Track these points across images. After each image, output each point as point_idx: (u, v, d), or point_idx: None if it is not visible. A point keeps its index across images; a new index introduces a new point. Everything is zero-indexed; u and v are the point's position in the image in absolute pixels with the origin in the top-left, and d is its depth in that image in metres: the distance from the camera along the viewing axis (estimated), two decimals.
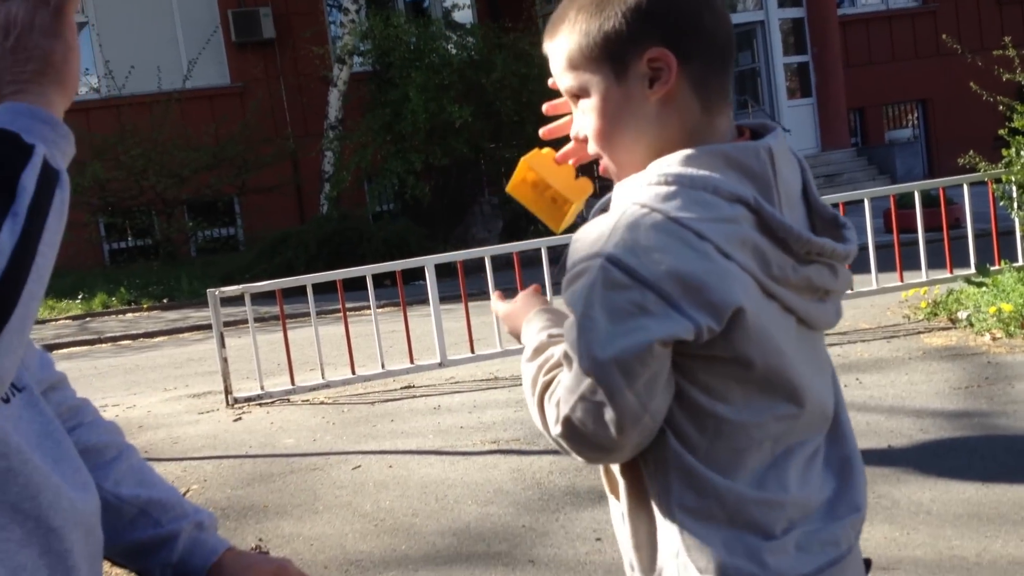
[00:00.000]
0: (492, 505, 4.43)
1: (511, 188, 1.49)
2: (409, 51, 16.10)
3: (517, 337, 1.49)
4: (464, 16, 19.68)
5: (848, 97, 19.80)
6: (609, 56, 1.25)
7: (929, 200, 8.78)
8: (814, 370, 1.30)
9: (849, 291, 6.74)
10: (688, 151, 1.23)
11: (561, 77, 1.35)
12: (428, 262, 7.32)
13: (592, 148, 1.33)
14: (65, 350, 10.91)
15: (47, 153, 1.06)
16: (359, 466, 5.25)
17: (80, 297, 14.09)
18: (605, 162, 1.34)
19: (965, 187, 7.89)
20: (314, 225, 15.07)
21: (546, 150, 1.49)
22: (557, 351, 1.30)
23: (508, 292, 1.62)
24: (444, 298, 7.48)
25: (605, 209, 1.32)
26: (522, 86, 15.65)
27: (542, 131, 1.52)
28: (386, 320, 8.08)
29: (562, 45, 1.33)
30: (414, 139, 15.44)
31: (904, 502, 3.98)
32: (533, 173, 1.46)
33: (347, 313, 7.39)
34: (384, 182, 15.91)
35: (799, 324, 1.27)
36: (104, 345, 11.46)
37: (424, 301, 7.41)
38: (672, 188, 1.20)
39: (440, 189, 16.45)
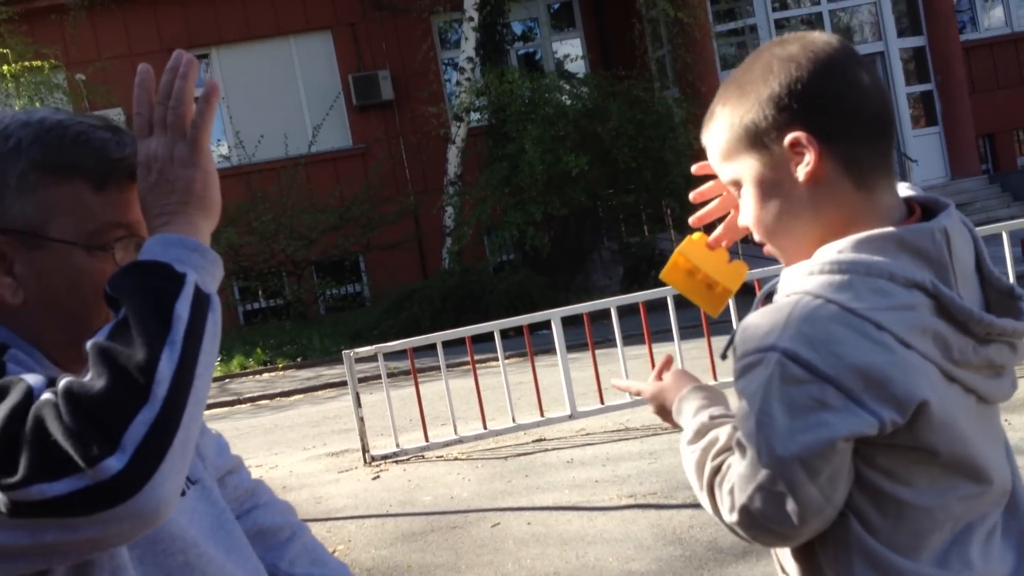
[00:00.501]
0: (634, 562, 4.40)
1: (664, 275, 1.51)
2: (524, 104, 16.33)
3: (664, 416, 1.49)
4: (577, 67, 19.88)
5: (976, 123, 19.17)
6: (753, 144, 1.28)
7: None
8: (993, 444, 1.29)
9: None
10: (859, 236, 1.21)
11: (719, 169, 1.38)
12: (554, 315, 7.37)
13: (757, 237, 1.34)
14: (207, 412, 11.33)
15: (198, 279, 1.11)
16: (498, 523, 5.29)
17: (220, 359, 14.62)
18: (769, 248, 1.35)
19: None
20: (437, 280, 15.33)
21: (697, 235, 1.51)
22: (722, 434, 1.31)
23: (633, 339, 1.61)
24: (570, 347, 7.52)
25: (770, 294, 1.33)
26: (638, 132, 15.68)
27: (692, 195, 1.55)
28: (513, 372, 8.15)
29: (713, 139, 1.37)
30: (532, 190, 15.60)
31: None
32: (686, 260, 1.48)
33: (476, 367, 7.49)
34: (504, 234, 16.10)
35: (978, 401, 1.25)
36: (243, 406, 11.85)
37: (549, 351, 7.46)
38: (846, 277, 1.18)
39: (559, 238, 16.54)
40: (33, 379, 1.06)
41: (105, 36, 18.96)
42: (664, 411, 1.49)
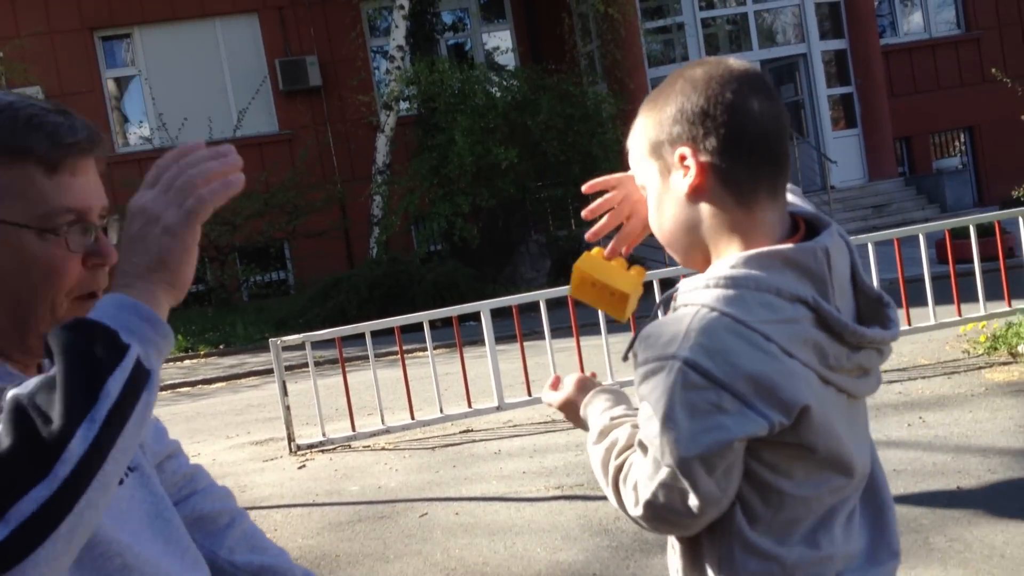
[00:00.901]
0: (561, 552, 4.47)
1: (573, 293, 1.60)
2: (454, 95, 16.32)
3: (577, 422, 1.62)
4: (507, 59, 19.93)
5: (894, 126, 19.72)
6: (654, 154, 1.42)
7: (983, 230, 8.73)
8: (859, 437, 1.42)
9: (907, 326, 6.67)
10: (749, 252, 1.33)
11: (634, 172, 1.50)
12: (484, 307, 7.40)
13: (658, 238, 1.48)
14: None
15: (141, 353, 1.05)
16: (426, 514, 5.32)
17: None
18: (668, 249, 1.48)
19: (1021, 220, 7.84)
20: (365, 269, 15.25)
21: (595, 250, 1.61)
22: (621, 434, 1.46)
23: (561, 331, 1.74)
24: (498, 339, 7.56)
25: (668, 301, 1.45)
26: (567, 126, 15.78)
27: (584, 212, 1.69)
28: (441, 362, 8.17)
29: (631, 144, 1.49)
30: (461, 181, 15.61)
31: (977, 545, 3.96)
32: (587, 274, 1.57)
33: (405, 357, 7.49)
34: (432, 225, 16.09)
35: (848, 398, 1.39)
36: (164, 392, 11.65)
37: (478, 342, 7.50)
38: (738, 291, 1.30)
39: (488, 230, 16.58)
40: None
41: (24, 13, 18.44)
42: (575, 418, 1.62)
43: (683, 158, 1.36)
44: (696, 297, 1.32)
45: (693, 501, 1.29)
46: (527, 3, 20.35)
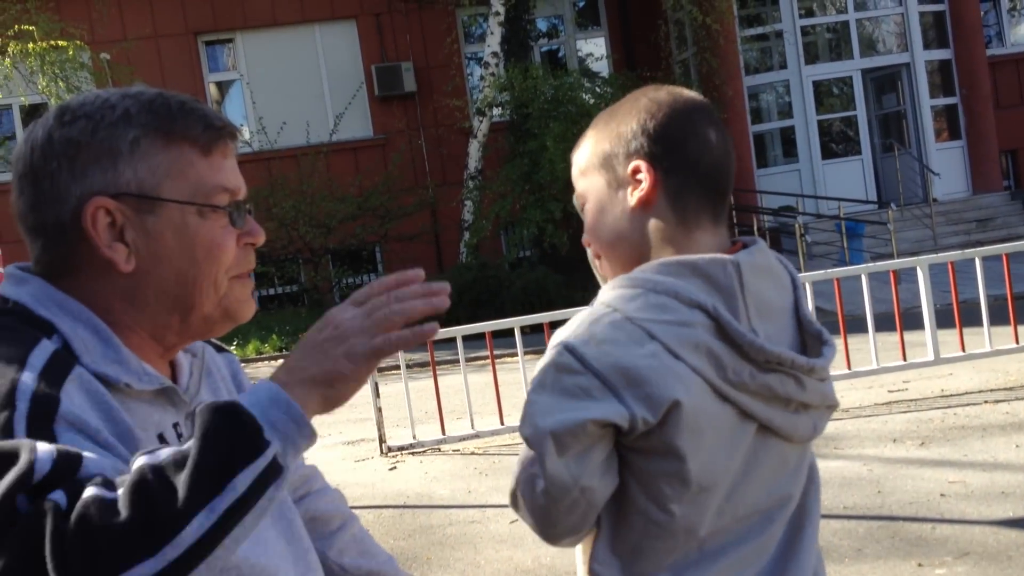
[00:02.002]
0: None
1: None
2: (547, 102, 16.32)
3: None
4: (600, 66, 19.86)
5: (999, 139, 19.11)
6: (603, 166, 1.46)
7: None
8: (771, 477, 1.39)
9: (1015, 344, 6.39)
10: (663, 260, 1.38)
11: (575, 184, 1.53)
12: (575, 314, 7.35)
13: (591, 250, 1.51)
14: None
15: (279, 452, 1.05)
16: (516, 520, 5.29)
17: (235, 343, 14.66)
18: (596, 259, 1.51)
19: None
20: (454, 273, 15.34)
21: None
22: None
23: None
24: None
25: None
26: None
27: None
28: (532, 368, 8.15)
29: (577, 157, 1.53)
30: (552, 188, 15.59)
31: None
32: None
33: (496, 362, 7.50)
34: (522, 231, 16.10)
35: (763, 431, 1.37)
36: None
37: None
38: (637, 291, 1.34)
39: (578, 237, 16.41)
40: (42, 452, 1.01)
41: (131, 17, 19.00)
42: None
43: (636, 171, 1.41)
44: (602, 296, 1.38)
45: (540, 484, 1.30)
46: (622, 10, 20.25)
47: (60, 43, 16.05)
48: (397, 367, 7.69)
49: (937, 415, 6.54)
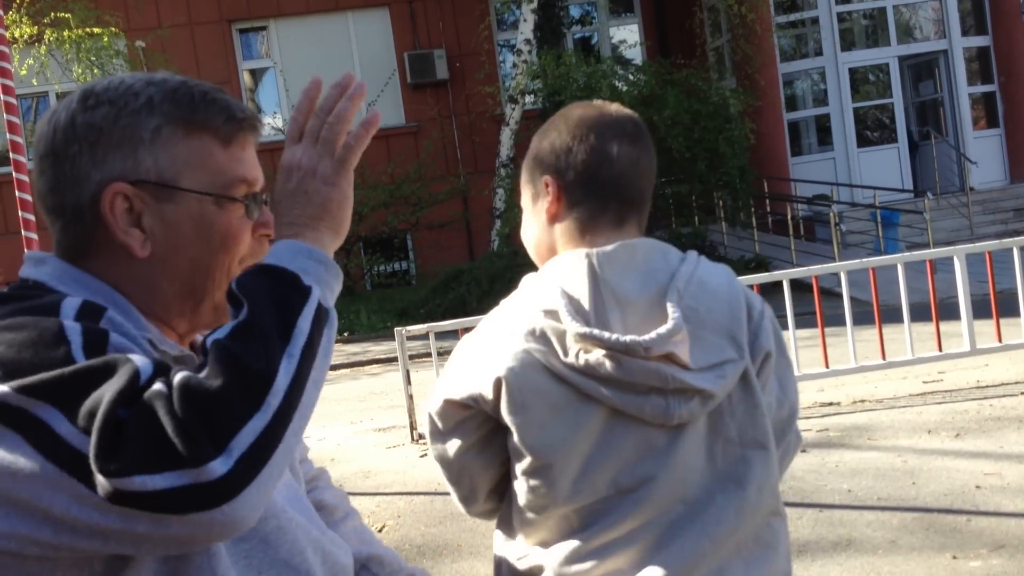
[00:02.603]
0: None
1: None
2: (579, 89, 16.25)
3: None
4: (634, 53, 19.76)
5: None
6: (531, 179, 1.64)
7: None
8: (632, 458, 1.45)
9: None
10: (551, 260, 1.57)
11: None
12: None
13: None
14: None
15: (321, 295, 1.13)
16: None
17: None
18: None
19: None
20: (486, 261, 15.35)
21: None
22: None
23: None
24: None
25: None
26: (693, 122, 15.56)
27: None
28: None
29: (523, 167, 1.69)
30: None
31: None
32: None
33: None
34: None
35: (617, 413, 1.44)
36: None
37: None
38: (525, 284, 1.55)
39: None
40: (140, 361, 1.05)
41: (166, 4, 19.12)
42: None
43: (547, 185, 1.57)
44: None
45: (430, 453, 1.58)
46: None
47: (96, 31, 16.18)
48: (428, 355, 7.71)
49: (973, 406, 6.47)
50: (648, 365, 1.42)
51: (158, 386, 1.01)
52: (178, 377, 1.01)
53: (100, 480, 0.98)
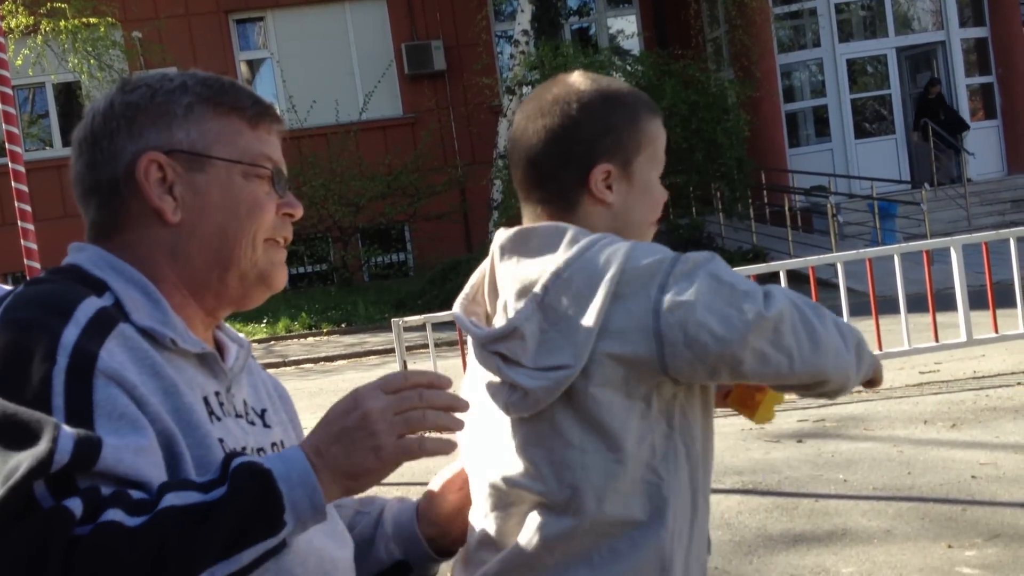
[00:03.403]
0: None
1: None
2: None
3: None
4: (632, 44, 19.73)
5: None
6: None
7: None
8: (491, 448, 1.46)
9: None
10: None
11: None
12: None
13: None
14: None
15: (289, 533, 1.12)
16: None
17: (265, 321, 14.76)
18: None
19: None
20: (483, 253, 15.11)
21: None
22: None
23: None
24: None
25: None
26: (691, 113, 15.54)
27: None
28: None
29: None
30: None
31: None
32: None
33: None
34: None
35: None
36: (288, 368, 11.97)
37: None
38: None
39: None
40: (64, 437, 1.05)
41: None
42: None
43: None
44: None
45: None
46: None
47: (92, 21, 16.13)
48: (425, 345, 7.71)
49: (969, 396, 6.48)
50: (488, 354, 1.43)
51: (72, 505, 1.03)
52: (106, 517, 1.03)
53: None
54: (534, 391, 1.38)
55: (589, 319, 1.35)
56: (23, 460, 1.02)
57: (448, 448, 1.21)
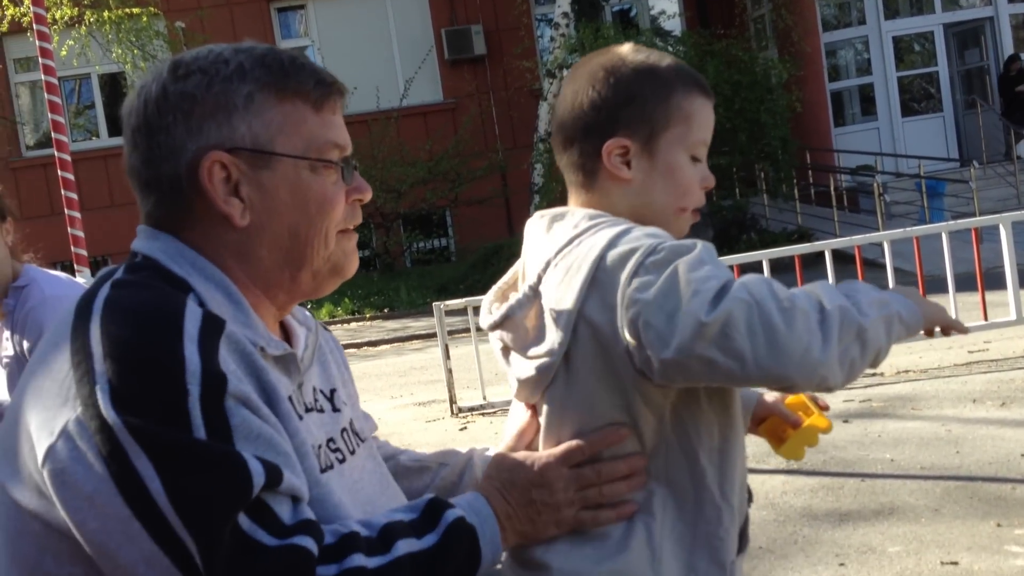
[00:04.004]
0: None
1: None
2: None
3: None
4: (673, 24, 19.54)
5: None
6: None
7: None
8: None
9: None
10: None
11: None
12: None
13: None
14: None
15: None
16: None
17: (309, 307, 14.86)
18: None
19: None
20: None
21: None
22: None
23: None
24: None
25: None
26: (734, 93, 15.36)
27: None
28: None
29: None
30: None
31: None
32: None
33: None
34: None
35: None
36: None
37: None
38: None
39: None
40: (254, 467, 1.06)
41: None
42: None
43: None
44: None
45: None
46: None
47: (135, 11, 16.29)
48: (467, 330, 7.73)
49: (1019, 375, 6.35)
50: (495, 340, 1.46)
51: (306, 543, 1.06)
52: (353, 563, 1.09)
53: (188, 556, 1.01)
54: (524, 380, 1.38)
55: (569, 308, 1.31)
56: (222, 489, 1.03)
57: (627, 513, 1.31)
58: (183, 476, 1.01)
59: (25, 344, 2.57)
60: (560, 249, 1.35)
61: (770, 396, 1.65)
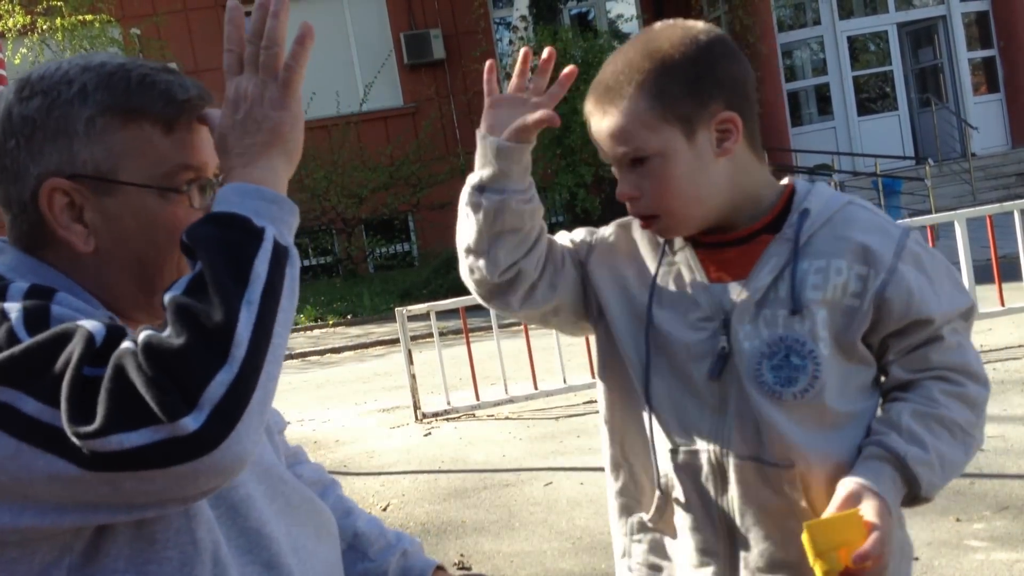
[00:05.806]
0: None
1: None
2: (577, 65, 16.17)
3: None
4: (631, 27, 19.64)
5: None
6: (679, 119, 1.44)
7: None
8: None
9: None
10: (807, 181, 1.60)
11: (628, 140, 1.47)
12: None
13: (650, 207, 1.48)
14: None
15: (276, 233, 1.09)
16: (551, 483, 5.30)
17: None
18: (665, 221, 1.49)
19: None
20: None
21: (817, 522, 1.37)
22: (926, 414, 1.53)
23: None
24: None
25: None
26: None
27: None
28: (563, 334, 8.12)
29: (628, 111, 1.46)
30: (583, 152, 15.49)
31: None
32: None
33: (528, 328, 7.48)
34: (554, 196, 16.03)
35: None
36: (294, 361, 11.95)
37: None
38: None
39: (610, 201, 16.43)
40: (90, 324, 1.04)
41: None
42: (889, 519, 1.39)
43: (723, 121, 1.45)
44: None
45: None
46: None
47: (88, 18, 16.08)
48: (431, 335, 7.71)
49: None
50: None
51: (126, 344, 1.01)
52: (142, 336, 1.01)
53: (76, 445, 0.97)
54: None
55: None
56: (69, 352, 1.01)
57: (305, 33, 1.18)
58: (38, 375, 1.01)
59: None
60: None
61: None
